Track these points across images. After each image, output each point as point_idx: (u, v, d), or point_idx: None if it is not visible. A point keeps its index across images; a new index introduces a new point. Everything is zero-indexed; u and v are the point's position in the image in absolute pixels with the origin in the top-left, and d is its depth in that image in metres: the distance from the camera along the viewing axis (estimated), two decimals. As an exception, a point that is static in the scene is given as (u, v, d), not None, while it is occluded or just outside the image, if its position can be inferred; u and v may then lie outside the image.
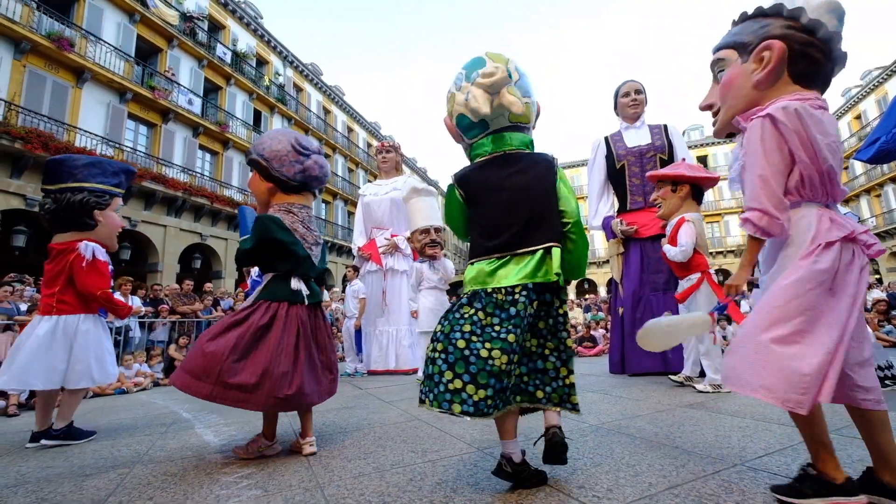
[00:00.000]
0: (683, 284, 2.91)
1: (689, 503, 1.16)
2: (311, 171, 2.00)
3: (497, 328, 1.31)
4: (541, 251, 1.38)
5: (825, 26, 1.13)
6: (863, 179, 24.46)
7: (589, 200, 4.27)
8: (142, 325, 6.37)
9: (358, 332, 5.26)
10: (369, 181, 12.18)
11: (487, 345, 1.28)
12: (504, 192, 1.42)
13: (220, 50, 16.37)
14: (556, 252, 1.38)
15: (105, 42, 12.19)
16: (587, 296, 18.74)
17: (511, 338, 1.30)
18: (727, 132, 1.32)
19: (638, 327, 3.82)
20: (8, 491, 1.61)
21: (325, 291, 8.02)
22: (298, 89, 21.87)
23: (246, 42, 18.41)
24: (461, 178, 1.50)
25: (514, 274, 1.36)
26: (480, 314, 1.34)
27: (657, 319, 1.72)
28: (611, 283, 4.16)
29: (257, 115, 18.48)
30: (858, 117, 24.73)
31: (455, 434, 2.02)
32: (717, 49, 1.31)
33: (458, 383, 1.25)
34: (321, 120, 22.87)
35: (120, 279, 6.38)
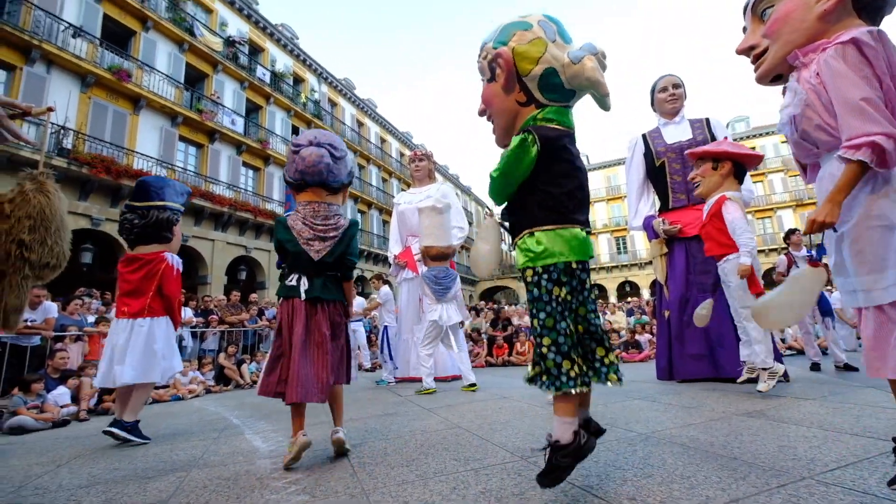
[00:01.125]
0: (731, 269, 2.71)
1: (754, 520, 1.08)
2: (298, 166, 2.03)
3: (579, 298, 1.38)
4: (586, 230, 1.43)
5: None
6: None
7: (628, 200, 4.13)
8: (193, 334, 6.74)
9: (385, 339, 5.38)
10: (403, 190, 12.35)
11: (569, 320, 1.32)
12: (582, 171, 1.44)
13: (259, 71, 17.24)
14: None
15: (158, 71, 13.16)
16: (629, 299, 18.06)
17: (581, 310, 1.38)
18: (776, 73, 1.22)
19: (687, 331, 3.66)
20: (81, 491, 1.74)
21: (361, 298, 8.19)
22: (333, 104, 22.63)
23: (283, 62, 19.30)
24: (552, 139, 1.35)
25: (590, 247, 1.41)
26: (566, 294, 1.33)
27: (765, 298, 1.53)
28: (655, 286, 3.99)
29: (295, 131, 19.27)
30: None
31: (497, 442, 2.00)
32: None
33: (576, 369, 1.27)
34: (355, 132, 23.54)
35: (174, 291, 6.82)
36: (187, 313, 6.69)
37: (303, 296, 1.99)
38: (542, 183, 1.38)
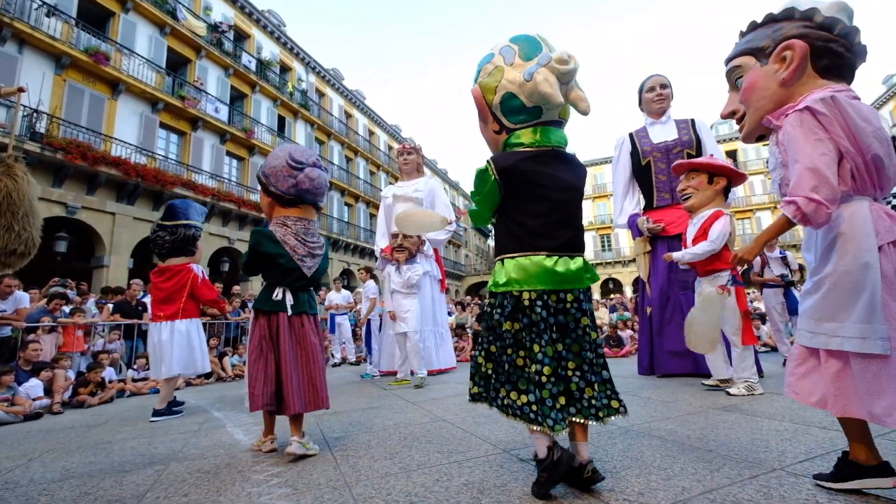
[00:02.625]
0: (703, 282, 2.78)
1: (727, 510, 1.12)
2: (302, 185, 2.04)
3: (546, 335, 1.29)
4: (582, 258, 1.37)
5: (841, 21, 1.16)
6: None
7: (614, 198, 4.19)
8: (174, 326, 6.60)
9: (367, 332, 5.39)
10: (391, 183, 12.26)
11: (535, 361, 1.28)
12: (557, 191, 1.36)
13: (245, 58, 16.84)
14: (586, 261, 1.40)
15: (138, 55, 12.73)
16: (612, 296, 18.36)
17: (559, 347, 1.30)
18: (757, 134, 1.32)
19: (667, 328, 3.74)
20: (55, 485, 1.70)
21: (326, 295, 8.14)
22: (321, 94, 22.28)
23: (270, 50, 18.89)
24: (508, 169, 1.34)
25: (569, 276, 1.31)
26: (517, 328, 1.32)
27: (687, 320, 1.68)
28: (637, 283, 4.06)
29: (281, 121, 18.93)
30: (902, 105, 23.36)
31: (480, 435, 2.01)
32: (732, 58, 1.34)
33: (522, 399, 1.28)
34: (343, 124, 23.23)
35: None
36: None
37: (289, 311, 2.02)
38: (509, 209, 1.39)
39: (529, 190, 1.35)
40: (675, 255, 2.89)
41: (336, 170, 21.58)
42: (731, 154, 29.58)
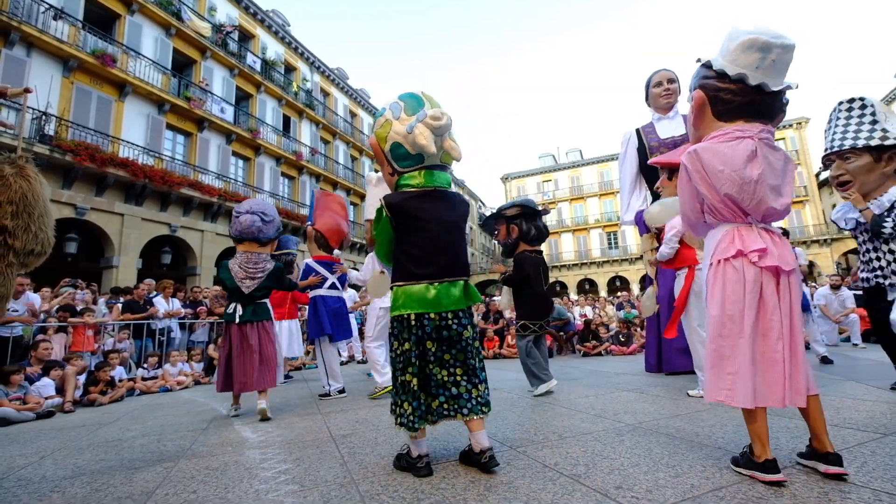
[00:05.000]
0: (678, 283, 2.74)
1: (737, 507, 1.10)
2: (236, 228, 3.00)
3: (435, 346, 1.54)
4: (462, 282, 1.62)
5: (731, 70, 1.34)
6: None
7: (620, 195, 4.15)
8: (182, 326, 6.66)
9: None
10: (395, 182, 12.26)
11: (409, 370, 1.53)
12: (436, 225, 1.59)
13: (250, 59, 16.91)
14: (472, 285, 1.65)
15: (144, 56, 12.83)
16: (619, 293, 18.25)
17: (447, 357, 1.55)
18: None
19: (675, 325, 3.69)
20: (66, 482, 1.72)
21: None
22: (325, 94, 22.32)
23: (274, 50, 18.95)
24: (396, 206, 1.59)
25: (445, 300, 1.55)
26: (409, 347, 1.54)
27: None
28: (645, 280, 4.03)
29: (286, 121, 18.99)
30: (914, 99, 22.93)
31: (487, 433, 2.01)
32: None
33: (410, 409, 1.53)
34: (348, 123, 23.28)
35: (162, 282, 6.72)
36: (175, 304, 6.62)
37: (237, 320, 2.92)
38: (400, 243, 1.63)
39: (413, 224, 1.59)
40: (656, 256, 2.90)
41: (341, 169, 21.64)
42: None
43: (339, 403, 3.17)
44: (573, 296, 27.67)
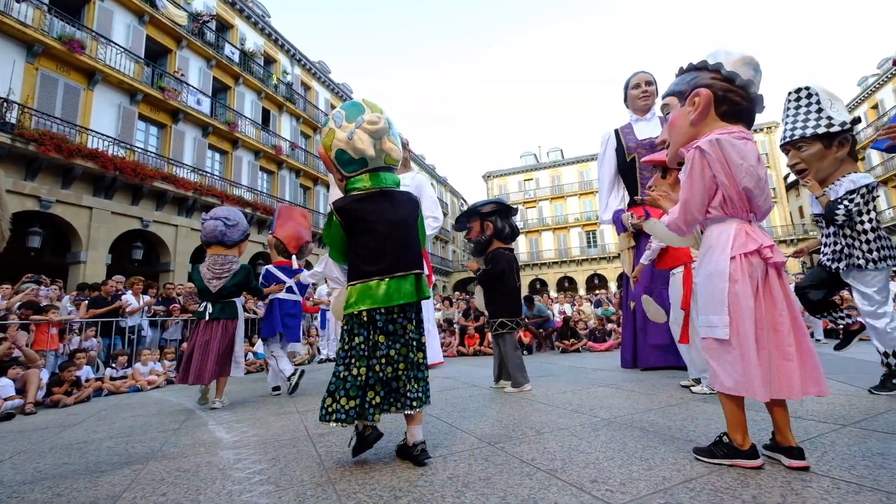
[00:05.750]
0: (674, 283, 2.79)
1: (705, 496, 1.14)
2: (202, 233, 3.41)
3: (385, 341, 1.61)
4: (413, 276, 1.67)
5: (740, 76, 1.42)
6: (880, 170, 23.86)
7: (599, 194, 4.22)
8: (154, 323, 6.46)
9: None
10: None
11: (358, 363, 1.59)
12: (383, 224, 1.67)
13: (228, 49, 16.47)
14: (423, 278, 1.71)
15: (115, 44, 12.33)
16: (597, 291, 18.59)
17: (392, 352, 1.61)
18: (677, 161, 1.58)
19: (650, 322, 3.80)
20: (26, 487, 1.64)
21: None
22: (306, 87, 21.94)
23: (254, 41, 18.50)
24: (343, 209, 1.67)
25: (395, 294, 1.62)
26: (360, 342, 1.60)
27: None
28: (622, 278, 4.11)
29: (266, 114, 18.59)
30: (875, 107, 24.12)
31: (465, 429, 2.02)
32: (664, 96, 1.60)
33: (351, 403, 1.57)
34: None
35: (132, 278, 6.49)
36: (144, 300, 6.40)
37: (207, 317, 3.29)
38: (350, 244, 1.71)
39: (361, 226, 1.67)
40: (642, 259, 2.96)
41: (322, 165, 21.34)
42: (713, 152, 30.06)
43: (318, 401, 3.13)
44: (553, 293, 28.03)
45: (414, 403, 1.60)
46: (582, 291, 28.92)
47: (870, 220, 2.30)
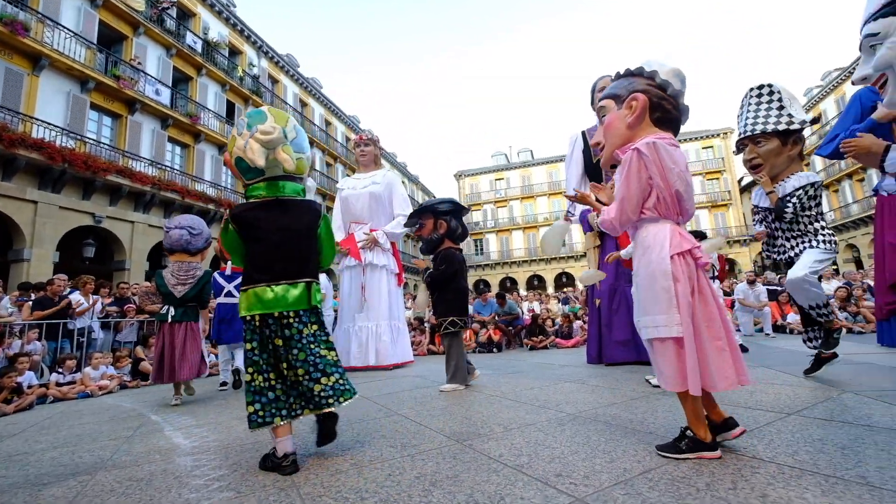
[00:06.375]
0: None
1: (663, 486, 1.18)
2: (166, 241, 3.58)
3: (283, 346, 1.65)
4: (303, 284, 1.70)
5: (672, 85, 1.50)
6: (822, 175, 25.61)
7: (566, 195, 4.31)
8: (107, 325, 6.11)
9: None
10: (348, 175, 11.94)
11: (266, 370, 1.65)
12: (276, 233, 1.70)
13: (189, 38, 15.75)
14: (315, 286, 1.74)
15: (64, 27, 11.54)
16: (565, 289, 19.04)
17: (290, 357, 1.65)
18: (611, 163, 1.63)
19: (615, 318, 3.91)
20: (-44, 502, 1.51)
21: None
22: (274, 81, 21.31)
23: (218, 31, 17.77)
24: (237, 217, 1.72)
25: (283, 300, 1.65)
26: (254, 346, 1.65)
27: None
28: (587, 276, 4.21)
29: (231, 107, 17.91)
30: (819, 116, 25.84)
31: (435, 428, 2.02)
32: (601, 99, 1.65)
33: (261, 410, 1.64)
34: (298, 113, 22.37)
35: (81, 277, 6.11)
36: (92, 300, 6.04)
37: (169, 320, 3.50)
38: (246, 251, 1.74)
39: (253, 234, 1.70)
40: (622, 252, 3.03)
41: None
42: (675, 156, 31.40)
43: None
44: (523, 291, 28.46)
45: (330, 401, 1.66)
46: (551, 289, 29.55)
47: (818, 215, 2.44)
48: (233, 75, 17.68)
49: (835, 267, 19.53)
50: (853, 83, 1.54)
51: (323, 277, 5.36)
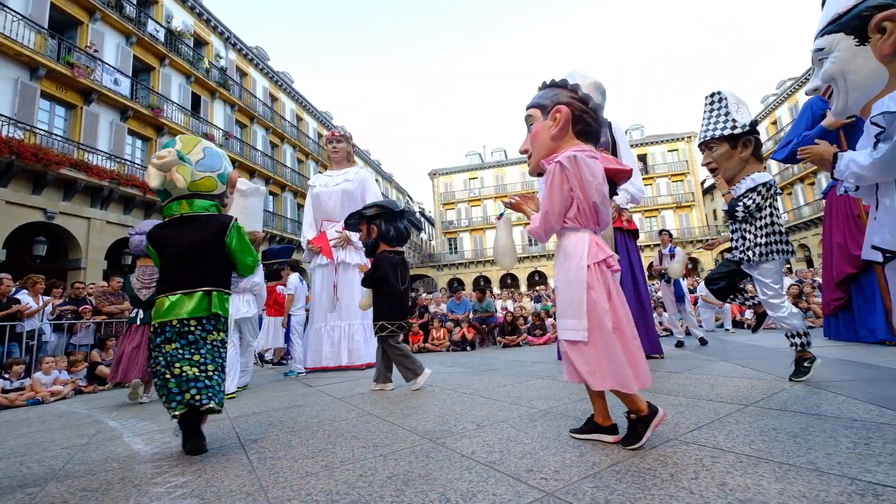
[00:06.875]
0: None
1: (629, 478, 1.21)
2: (130, 247, 3.79)
3: (181, 351, 1.82)
4: (201, 293, 1.85)
5: (593, 99, 1.57)
6: (777, 178, 27.09)
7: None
8: (59, 327, 5.76)
9: (287, 328, 5.20)
10: (320, 172, 11.75)
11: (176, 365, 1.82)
12: (177, 247, 1.87)
13: (151, 26, 15.04)
14: (216, 295, 1.87)
15: (10, 10, 10.78)
16: (537, 287, 19.36)
17: (197, 357, 1.83)
18: (538, 171, 1.68)
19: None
20: None
21: None
22: (242, 74, 20.65)
23: (182, 20, 17.06)
24: (150, 235, 1.93)
25: (182, 308, 1.82)
26: (166, 346, 1.83)
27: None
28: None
29: (196, 100, 17.24)
30: (774, 122, 27.35)
31: (408, 427, 2.00)
32: (528, 108, 1.69)
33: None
34: (268, 108, 21.77)
35: (31, 277, 5.73)
36: (46, 302, 5.69)
37: (138, 322, 3.81)
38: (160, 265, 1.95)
39: (161, 250, 1.90)
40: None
41: (259, 156, 20.20)
42: (641, 157, 32.54)
43: (252, 406, 2.96)
44: (497, 290, 28.71)
45: (204, 400, 1.82)
46: (524, 288, 29.97)
47: (769, 216, 2.54)
48: (198, 67, 17.01)
49: (788, 266, 20.73)
50: (806, 93, 1.63)
51: (295, 277, 5.23)
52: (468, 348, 7.51)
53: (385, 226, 3.25)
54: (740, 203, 2.53)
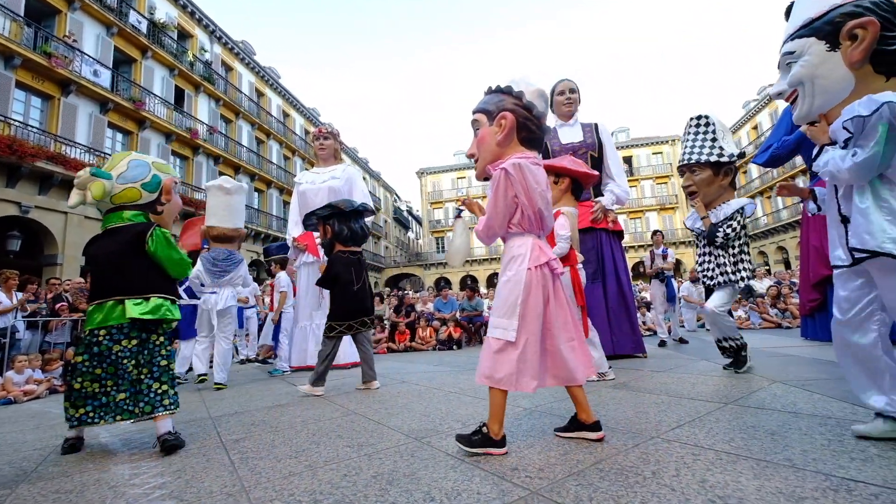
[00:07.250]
0: (564, 282, 2.94)
1: (613, 476, 1.23)
2: None
3: (87, 362, 1.87)
4: (112, 301, 1.89)
5: (536, 107, 1.58)
6: (757, 182, 27.80)
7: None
8: (34, 325, 5.58)
9: (276, 326, 5.16)
10: (306, 169, 11.67)
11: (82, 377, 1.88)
12: (100, 258, 1.94)
13: (133, 17, 14.67)
14: (129, 302, 1.88)
15: (-16, -4, 10.42)
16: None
17: (98, 371, 1.88)
18: (484, 175, 1.70)
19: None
20: None
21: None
22: (228, 68, 20.29)
23: (165, 11, 16.68)
24: (85, 251, 2.10)
25: (103, 317, 1.87)
26: (81, 358, 1.88)
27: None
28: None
29: (179, 94, 16.87)
30: (755, 127, 28.03)
31: (393, 426, 2.00)
32: (474, 112, 1.70)
33: (78, 412, 1.92)
34: (254, 103, 21.43)
35: (4, 272, 5.54)
36: (18, 297, 5.51)
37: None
38: None
39: (88, 262, 2.02)
40: (555, 250, 3.10)
41: (245, 152, 19.88)
42: (627, 159, 33.01)
43: (234, 405, 2.91)
44: (483, 289, 28.76)
45: (136, 410, 1.87)
46: (483, 289, 30.10)
47: (744, 244, 2.68)
48: (182, 60, 16.67)
49: (767, 267, 21.27)
50: (770, 97, 1.66)
51: (283, 275, 5.17)
52: (454, 347, 7.52)
53: (338, 226, 3.22)
54: (720, 230, 2.61)
